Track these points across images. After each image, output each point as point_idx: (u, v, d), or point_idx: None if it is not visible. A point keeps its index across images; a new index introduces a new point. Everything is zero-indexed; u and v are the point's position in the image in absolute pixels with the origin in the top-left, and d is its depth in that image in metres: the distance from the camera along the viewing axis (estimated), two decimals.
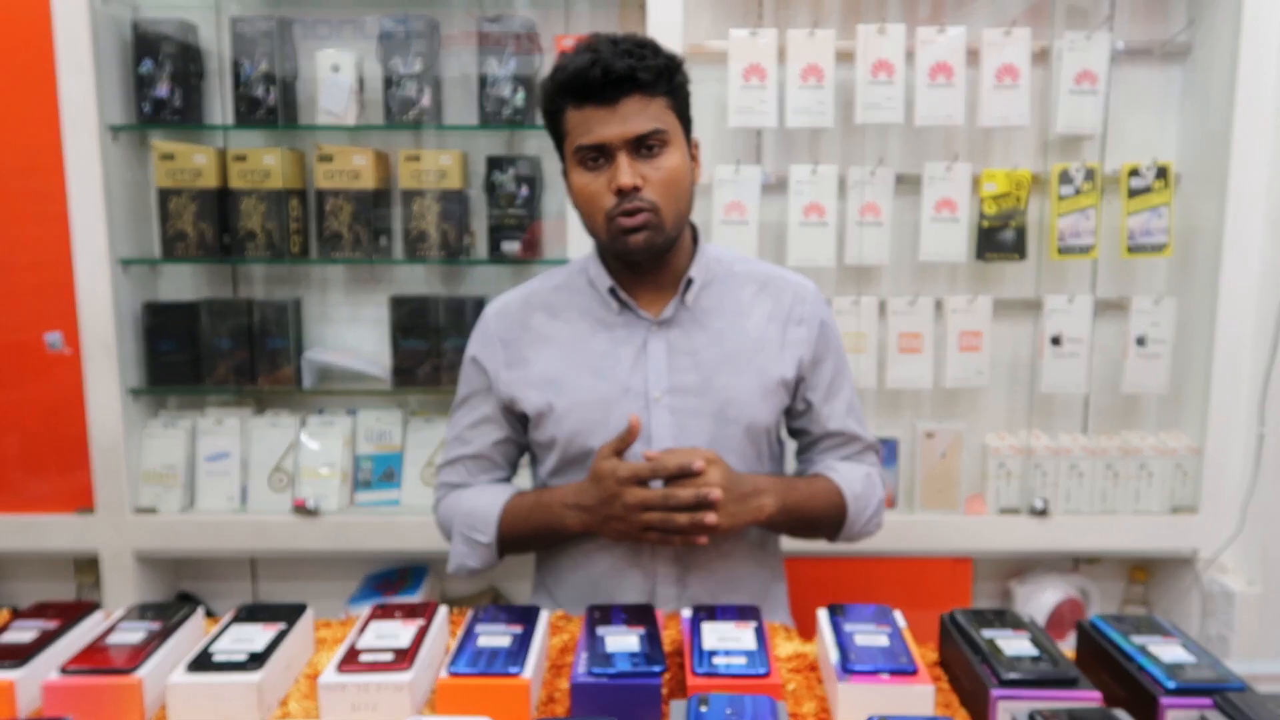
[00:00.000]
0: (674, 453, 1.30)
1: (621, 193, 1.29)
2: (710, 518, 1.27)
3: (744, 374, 1.39)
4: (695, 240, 1.45)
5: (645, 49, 1.29)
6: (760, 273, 1.47)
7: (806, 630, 1.21)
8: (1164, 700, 0.92)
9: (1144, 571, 2.42)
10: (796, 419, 1.49)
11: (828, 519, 1.43)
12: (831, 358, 1.46)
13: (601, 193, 1.31)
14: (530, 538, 1.44)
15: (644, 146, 1.30)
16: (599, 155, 1.30)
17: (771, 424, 1.43)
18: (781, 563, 1.56)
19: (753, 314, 1.43)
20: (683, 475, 1.28)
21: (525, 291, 1.50)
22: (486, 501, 1.44)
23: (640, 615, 1.12)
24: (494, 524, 1.42)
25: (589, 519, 1.35)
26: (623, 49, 1.27)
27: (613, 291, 1.41)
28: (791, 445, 1.57)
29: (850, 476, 1.44)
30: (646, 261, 1.37)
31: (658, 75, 1.29)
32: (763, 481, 1.37)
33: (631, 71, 1.26)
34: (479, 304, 2.33)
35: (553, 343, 1.43)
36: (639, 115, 1.28)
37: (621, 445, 1.32)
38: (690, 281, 1.40)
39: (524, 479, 1.55)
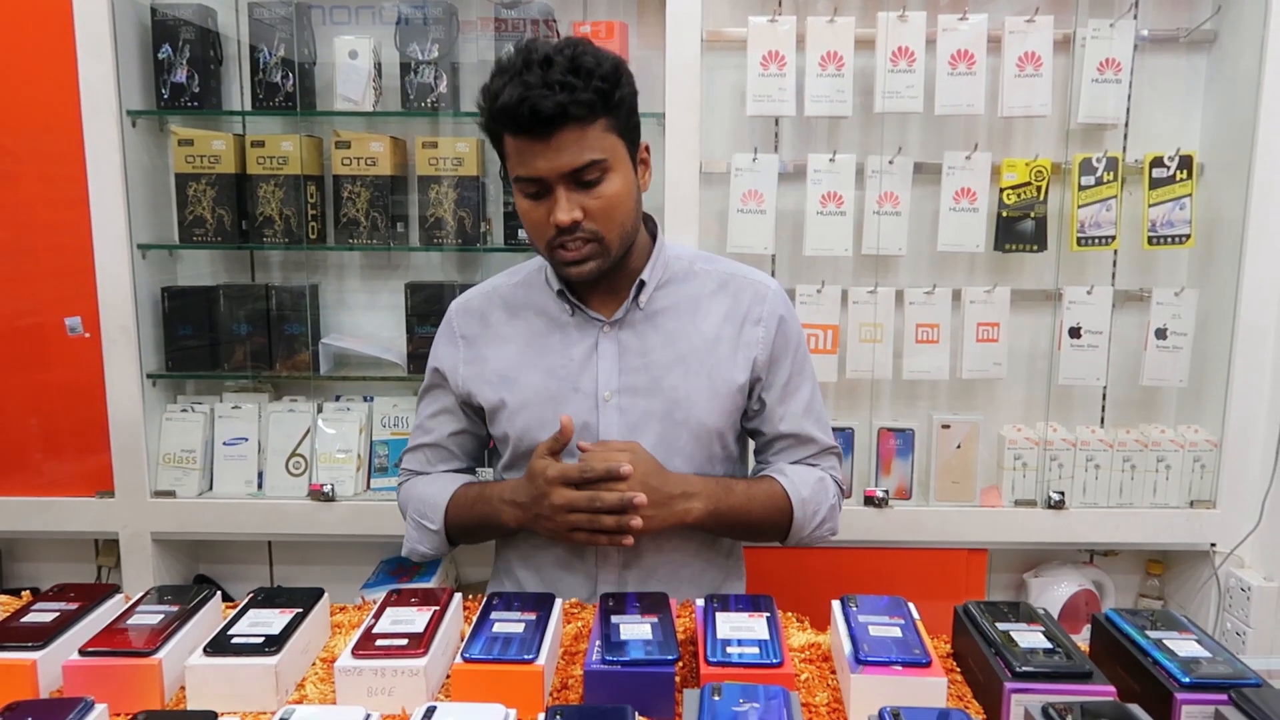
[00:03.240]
0: (603, 452, 1.30)
1: (560, 228, 1.27)
2: (635, 522, 1.27)
3: (694, 375, 1.38)
4: (655, 237, 1.44)
5: (579, 74, 1.21)
6: (721, 271, 1.45)
7: (820, 621, 1.21)
8: (1179, 695, 0.92)
9: (1160, 565, 2.40)
10: (751, 419, 1.47)
11: (769, 523, 1.41)
12: (790, 358, 1.44)
13: (542, 223, 1.29)
14: (474, 529, 1.45)
15: (582, 177, 1.26)
16: (538, 187, 1.27)
17: (723, 427, 1.41)
18: (740, 562, 1.55)
19: (710, 314, 1.41)
20: (610, 478, 1.27)
21: (489, 288, 1.50)
22: (436, 490, 1.47)
23: (654, 604, 1.12)
24: (441, 512, 1.45)
25: (522, 515, 1.36)
26: (553, 79, 1.19)
27: (562, 294, 1.41)
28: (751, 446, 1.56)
29: (800, 480, 1.42)
30: (592, 281, 1.37)
31: (590, 107, 1.22)
32: (694, 483, 1.35)
33: (561, 109, 1.20)
34: None
35: (509, 340, 1.44)
36: (574, 147, 1.23)
37: (556, 445, 1.32)
38: (642, 284, 1.39)
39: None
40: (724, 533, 1.44)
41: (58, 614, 1.10)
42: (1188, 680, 0.93)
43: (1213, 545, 2.24)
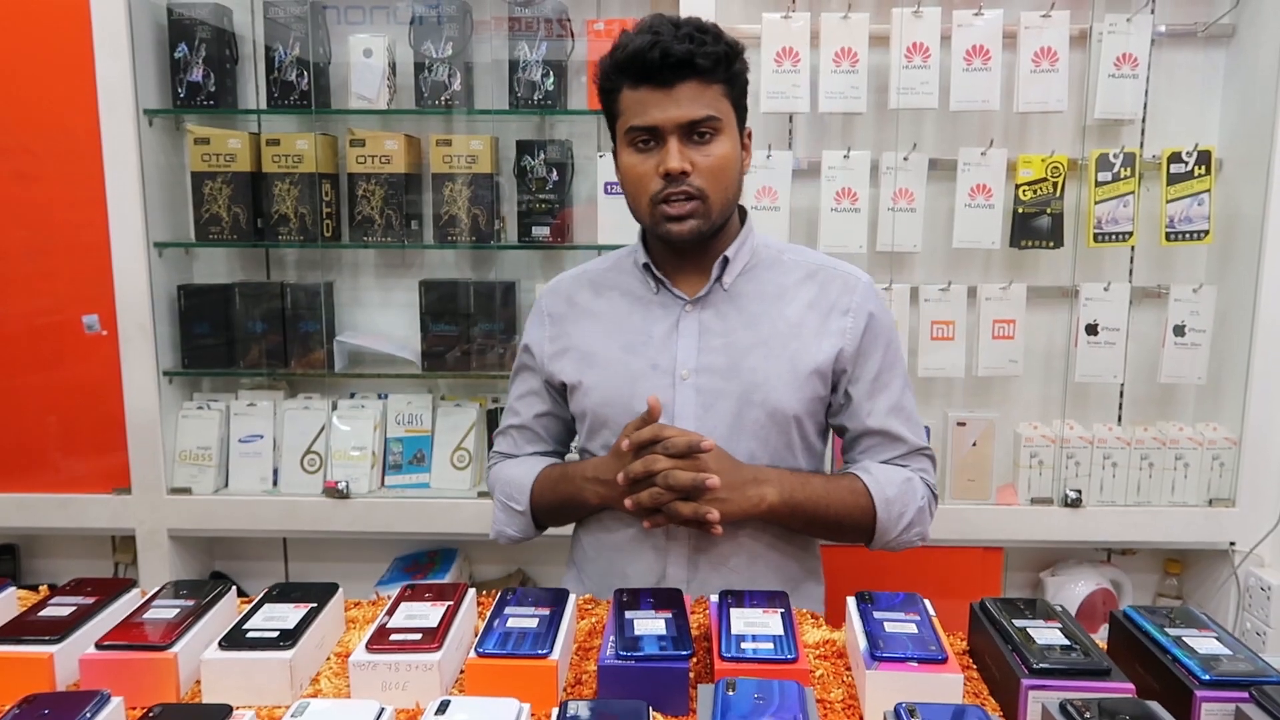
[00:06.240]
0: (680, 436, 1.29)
1: (669, 177, 1.29)
2: (713, 514, 1.26)
3: (775, 359, 1.37)
4: (744, 225, 1.44)
5: (706, 34, 1.28)
6: (811, 261, 1.44)
7: (837, 618, 1.21)
8: (1199, 693, 0.91)
9: (1178, 564, 2.38)
10: (836, 414, 1.43)
11: (851, 522, 1.37)
12: (880, 353, 1.40)
13: (649, 175, 1.31)
14: (558, 508, 1.46)
15: (696, 132, 1.29)
16: (650, 138, 1.30)
17: (801, 413, 1.38)
18: (819, 562, 1.52)
19: (794, 301, 1.40)
20: (690, 454, 1.26)
21: (579, 270, 1.52)
22: (522, 472, 1.48)
23: (668, 600, 1.12)
24: (528, 493, 1.46)
25: (606, 493, 1.36)
26: (684, 33, 1.26)
27: (648, 268, 1.41)
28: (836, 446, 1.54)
29: (885, 480, 1.37)
30: (690, 245, 1.37)
31: (716, 62, 1.27)
32: (768, 472, 1.34)
33: (690, 56, 1.25)
34: (509, 288, 2.34)
35: (593, 319, 1.44)
36: (693, 100, 1.27)
37: (642, 426, 1.31)
38: (726, 261, 1.39)
39: None
40: (800, 527, 1.40)
41: (74, 608, 1.11)
42: (1208, 677, 0.92)
43: (1232, 544, 2.22)
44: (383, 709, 0.90)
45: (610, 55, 1.32)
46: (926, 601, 1.12)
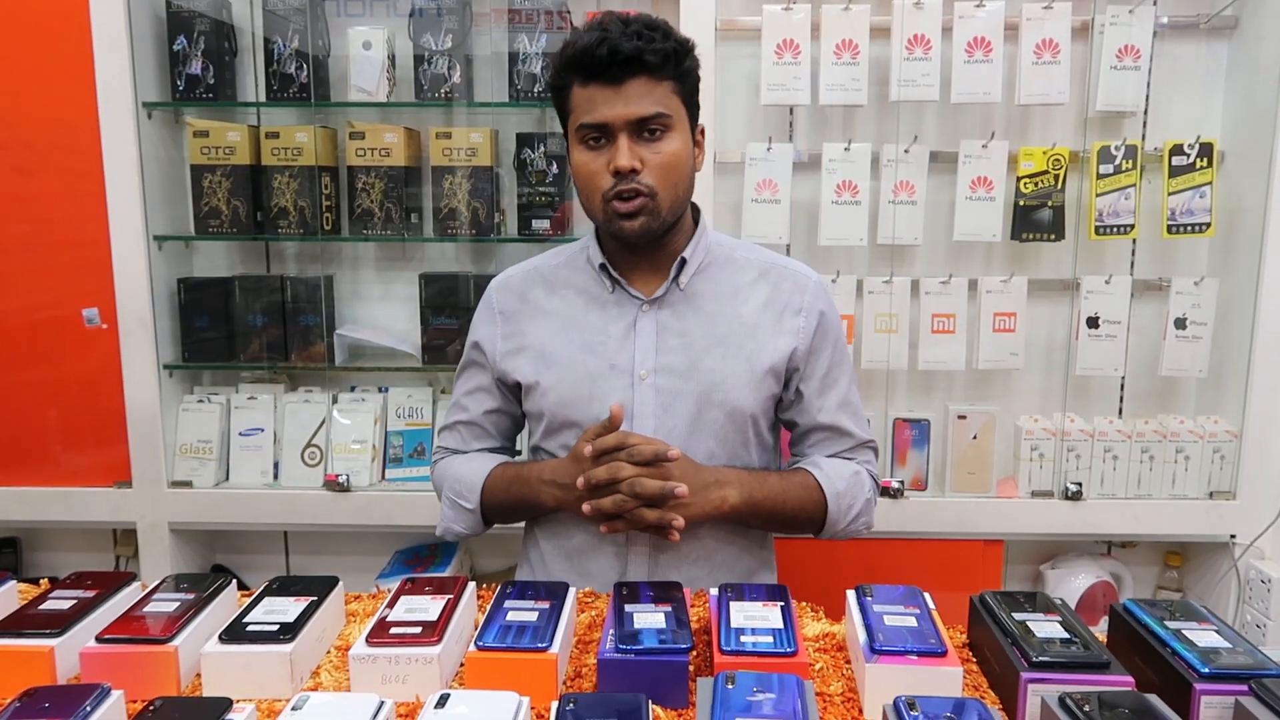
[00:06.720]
0: (644, 443, 1.29)
1: (619, 174, 1.29)
2: (678, 521, 1.26)
3: (732, 358, 1.38)
4: (697, 223, 1.45)
5: (655, 31, 1.28)
6: (762, 260, 1.46)
7: (835, 611, 1.21)
8: (1199, 686, 0.91)
9: (1179, 556, 2.38)
10: (787, 409, 1.46)
11: (805, 516, 1.40)
12: (829, 350, 1.43)
13: (600, 173, 1.31)
14: (511, 509, 1.46)
15: (646, 129, 1.29)
16: (600, 135, 1.30)
17: (758, 411, 1.40)
18: (771, 553, 1.54)
19: (749, 300, 1.41)
20: (656, 462, 1.27)
21: (529, 266, 1.51)
22: (473, 469, 1.47)
23: (668, 593, 1.12)
24: (478, 491, 1.45)
25: (563, 496, 1.36)
26: (632, 30, 1.26)
27: (604, 269, 1.41)
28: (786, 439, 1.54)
29: (835, 474, 1.41)
30: (643, 243, 1.37)
31: (665, 58, 1.27)
32: (727, 473, 1.36)
33: (638, 53, 1.25)
34: None
35: (548, 317, 1.44)
36: (643, 98, 1.28)
37: (604, 431, 1.31)
38: (683, 262, 1.39)
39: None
40: (759, 523, 1.43)
41: (75, 601, 1.11)
42: (1207, 671, 0.92)
43: (1232, 537, 2.22)
44: (382, 702, 0.90)
45: (560, 53, 1.32)
46: (926, 595, 1.13)
